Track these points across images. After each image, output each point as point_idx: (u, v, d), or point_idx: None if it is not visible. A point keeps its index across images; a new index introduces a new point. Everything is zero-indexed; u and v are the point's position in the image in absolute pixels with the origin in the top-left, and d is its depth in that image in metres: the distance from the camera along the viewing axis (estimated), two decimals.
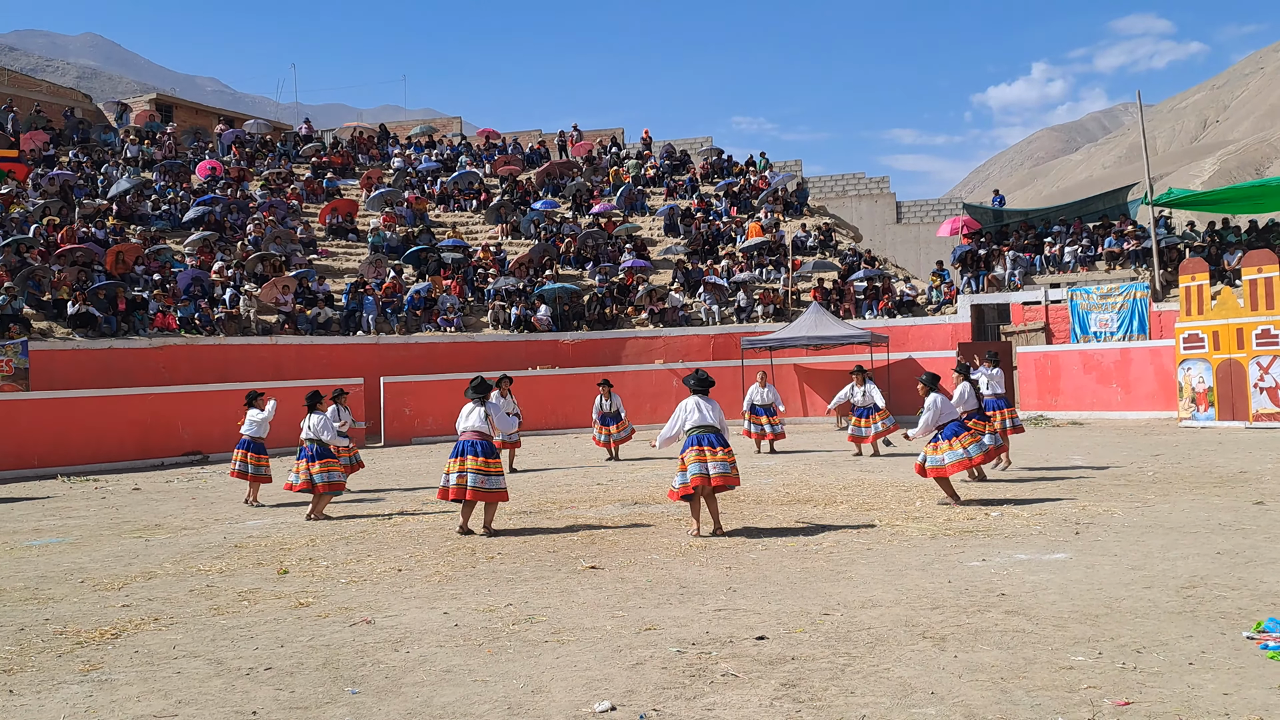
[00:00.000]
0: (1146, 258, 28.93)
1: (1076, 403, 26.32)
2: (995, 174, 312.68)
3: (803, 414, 29.39)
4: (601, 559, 10.04)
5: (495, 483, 11.84)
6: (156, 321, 26.78)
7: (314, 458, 14.01)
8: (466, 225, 39.29)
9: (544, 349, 31.33)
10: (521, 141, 48.43)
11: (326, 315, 30.10)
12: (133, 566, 10.66)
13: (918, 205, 49.71)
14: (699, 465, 11.17)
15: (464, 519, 11.96)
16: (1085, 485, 13.99)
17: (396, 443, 27.10)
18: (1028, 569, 8.78)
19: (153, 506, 15.91)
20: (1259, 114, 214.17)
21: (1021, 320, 29.44)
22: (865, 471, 16.80)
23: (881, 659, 6.38)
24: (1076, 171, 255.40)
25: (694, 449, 11.28)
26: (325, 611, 8.24)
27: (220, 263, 31.09)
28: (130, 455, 23.21)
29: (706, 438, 11.32)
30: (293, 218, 36.61)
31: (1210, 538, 9.81)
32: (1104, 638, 6.62)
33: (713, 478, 11.12)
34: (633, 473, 18.28)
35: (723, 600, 8.12)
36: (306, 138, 46.96)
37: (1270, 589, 7.71)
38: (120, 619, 8.28)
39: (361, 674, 6.50)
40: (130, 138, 41.40)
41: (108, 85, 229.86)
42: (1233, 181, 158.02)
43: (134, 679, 6.59)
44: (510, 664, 6.59)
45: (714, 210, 39.22)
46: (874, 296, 31.99)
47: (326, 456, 14.15)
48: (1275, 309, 21.60)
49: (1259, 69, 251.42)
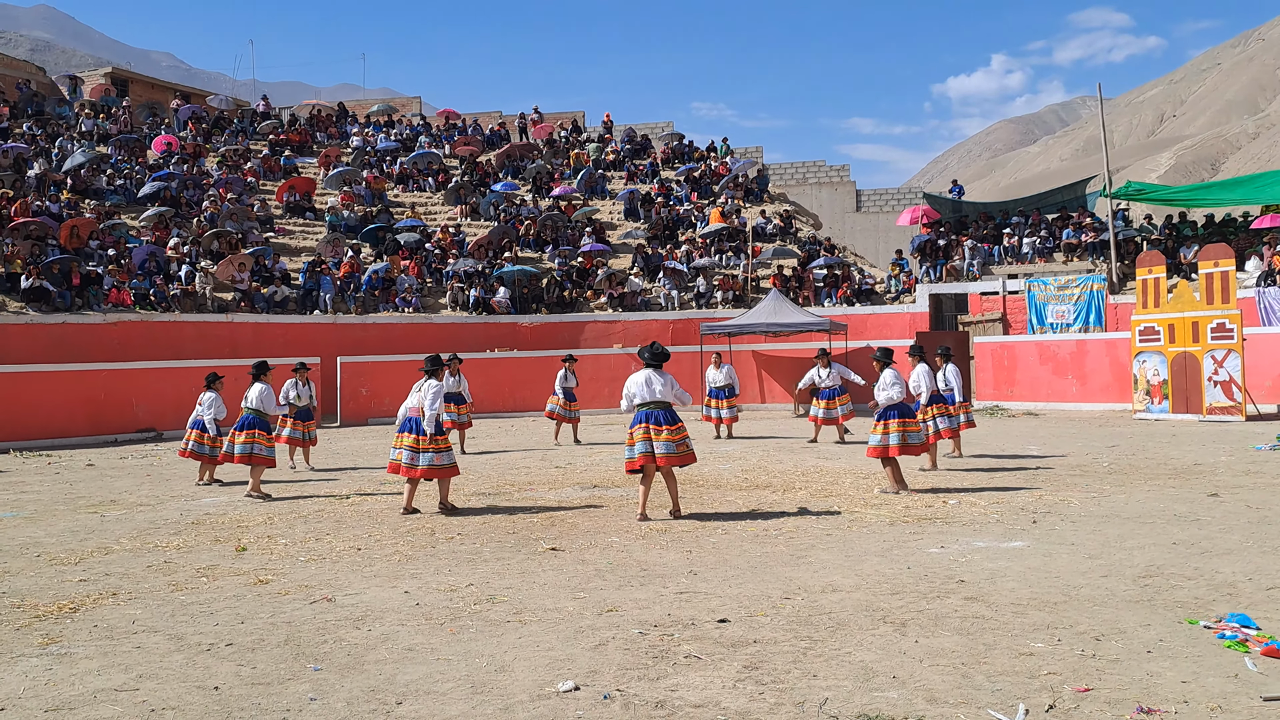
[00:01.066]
0: (1104, 250, 29.23)
1: (1032, 393, 26.56)
2: (954, 164, 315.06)
3: (760, 400, 29.48)
4: (562, 541, 10.02)
5: (447, 458, 11.82)
6: (111, 297, 26.41)
7: (244, 427, 13.97)
8: (425, 206, 39.02)
9: (502, 331, 31.21)
10: (481, 123, 48.13)
11: (283, 294, 29.81)
12: (89, 542, 10.54)
13: (877, 194, 49.90)
14: (645, 444, 11.09)
15: (408, 500, 11.92)
16: (1042, 475, 14.12)
17: (353, 423, 26.95)
18: (986, 556, 8.85)
19: (107, 483, 15.73)
20: (1215, 109, 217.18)
21: (979, 310, 29.67)
22: (823, 458, 16.88)
23: (843, 643, 6.41)
24: (1034, 163, 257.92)
25: (640, 426, 11.18)
26: (285, 589, 8.18)
27: (176, 239, 30.70)
28: (83, 431, 22.92)
29: (655, 414, 11.18)
30: (249, 195, 36.21)
31: (1166, 528, 9.94)
32: (1063, 625, 6.69)
33: (658, 457, 11.05)
34: (591, 456, 18.27)
35: (684, 583, 8.13)
36: (264, 115, 46.43)
37: (1225, 579, 7.82)
38: (78, 593, 8.19)
39: (323, 651, 6.46)
40: (85, 111, 40.76)
41: (61, 58, 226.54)
42: (1189, 175, 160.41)
43: (94, 653, 6.52)
44: (473, 643, 6.57)
45: (674, 195, 39.19)
46: (833, 284, 32.11)
47: (258, 427, 14.04)
48: (1230, 303, 21.87)
49: (1215, 65, 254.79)
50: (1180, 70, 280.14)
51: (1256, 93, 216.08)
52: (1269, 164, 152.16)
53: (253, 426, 14.00)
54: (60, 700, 5.66)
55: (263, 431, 14.12)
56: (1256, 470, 14.06)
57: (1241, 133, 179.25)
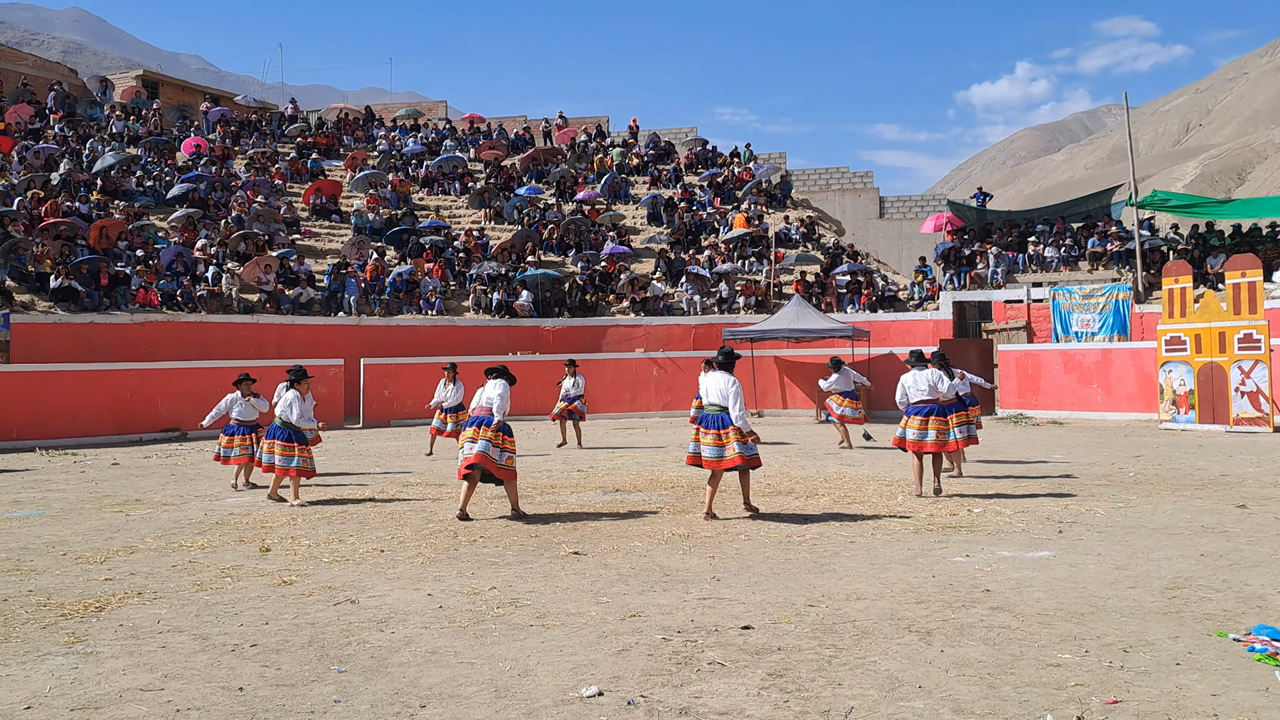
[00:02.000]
0: (1129, 259, 29.07)
1: (1057, 402, 26.43)
2: (977, 172, 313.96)
3: (783, 406, 29.43)
4: (584, 545, 10.02)
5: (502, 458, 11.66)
6: (138, 297, 26.60)
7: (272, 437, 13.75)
8: (450, 209, 39.15)
9: (525, 334, 31.27)
10: (506, 127, 48.24)
11: (308, 295, 29.96)
12: (114, 540, 10.59)
13: (900, 201, 49.75)
14: (694, 444, 11.67)
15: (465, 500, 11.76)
16: (1067, 484, 14.05)
17: (375, 424, 27.03)
18: (1011, 566, 8.80)
19: (132, 482, 15.81)
20: (1241, 119, 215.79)
21: (1003, 318, 29.54)
22: (847, 465, 16.82)
23: (868, 651, 6.38)
24: (1058, 171, 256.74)
25: (696, 427, 11.74)
26: (309, 590, 8.19)
27: (203, 240, 30.90)
28: (108, 430, 23.06)
29: (704, 416, 11.67)
30: (276, 197, 36.40)
31: (1194, 539, 9.86)
32: (1090, 636, 6.64)
33: (704, 460, 11.50)
34: (613, 460, 18.26)
35: (707, 589, 8.11)
36: (292, 118, 46.68)
37: (1255, 591, 7.75)
38: (104, 592, 8.22)
39: (347, 653, 6.46)
40: (116, 113, 41.06)
41: (93, 61, 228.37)
42: (1215, 185, 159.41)
43: (119, 652, 6.54)
44: (496, 647, 6.57)
45: (697, 200, 39.18)
46: (856, 291, 32.04)
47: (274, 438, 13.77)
48: (1258, 313, 21.73)
49: (1242, 74, 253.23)
50: (1207, 79, 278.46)
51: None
52: None
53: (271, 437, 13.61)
54: (86, 699, 5.69)
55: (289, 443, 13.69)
56: None
57: (1268, 143, 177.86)
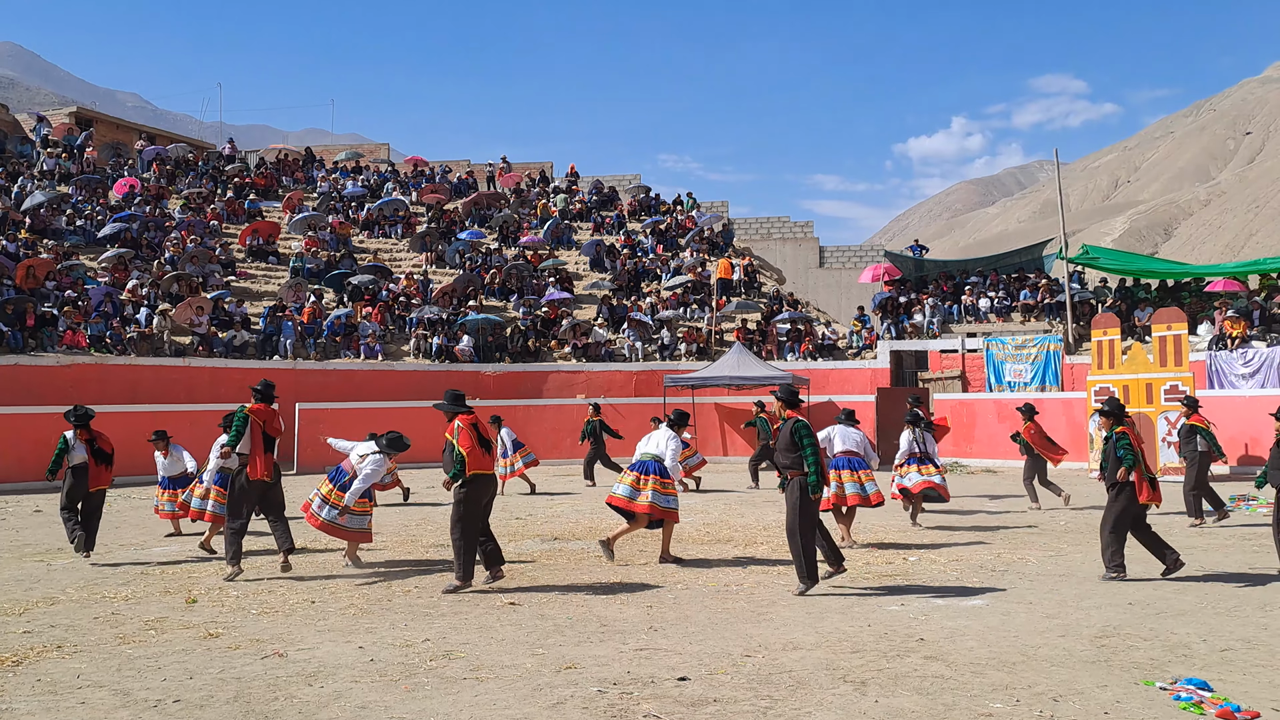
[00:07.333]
0: (1060, 311, 29.55)
1: (991, 451, 26.69)
2: (915, 223, 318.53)
3: (723, 453, 29.46)
4: (520, 594, 9.93)
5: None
6: (65, 339, 26.09)
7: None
8: (390, 253, 38.93)
9: (465, 380, 31.03)
10: (450, 171, 48.19)
11: (242, 338, 29.56)
12: (34, 591, 10.32)
13: (840, 250, 50.33)
14: (616, 484, 12.16)
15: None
16: (1000, 534, 14.17)
17: (310, 470, 26.66)
18: (945, 614, 8.84)
19: (55, 529, 15.41)
20: (1168, 176, 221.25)
21: (939, 368, 29.86)
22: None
23: (803, 702, 6.37)
24: (993, 224, 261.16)
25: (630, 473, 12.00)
26: (236, 643, 8.03)
27: (134, 281, 30.43)
28: (33, 476, 22.46)
29: (635, 462, 12.04)
30: (212, 238, 35.98)
31: (1122, 588, 9.97)
32: (1021, 685, 6.68)
33: (614, 497, 11.91)
34: (551, 507, 18.15)
35: (644, 639, 8.06)
36: (229, 158, 46.28)
37: (1181, 640, 7.85)
38: (21, 645, 8.00)
39: (274, 709, 6.33)
40: (47, 150, 40.49)
41: (25, 96, 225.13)
42: (1143, 239, 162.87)
43: (36, 709, 6.36)
44: (428, 701, 6.47)
45: (640, 247, 39.34)
46: (796, 339, 32.25)
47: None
48: (1183, 365, 22.15)
49: (1169, 133, 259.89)
50: (1135, 137, 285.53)
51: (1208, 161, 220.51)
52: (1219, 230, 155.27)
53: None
54: None
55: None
56: (1210, 532, 14.18)
57: (1193, 199, 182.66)
